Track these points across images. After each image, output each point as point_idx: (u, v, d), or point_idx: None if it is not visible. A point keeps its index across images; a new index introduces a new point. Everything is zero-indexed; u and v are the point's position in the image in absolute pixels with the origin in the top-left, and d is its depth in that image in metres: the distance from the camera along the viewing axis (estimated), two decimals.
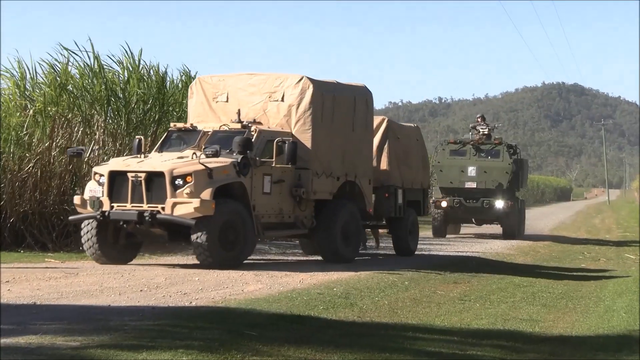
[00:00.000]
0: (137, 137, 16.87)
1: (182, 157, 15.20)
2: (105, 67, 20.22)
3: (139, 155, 15.62)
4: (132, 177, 14.70)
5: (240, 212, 14.98)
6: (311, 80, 16.53)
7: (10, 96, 19.73)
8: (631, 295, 13.81)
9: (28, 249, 17.92)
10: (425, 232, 28.99)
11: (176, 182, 14.49)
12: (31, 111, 19.14)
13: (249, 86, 16.86)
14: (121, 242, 15.53)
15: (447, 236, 29.41)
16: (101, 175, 15.03)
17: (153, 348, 7.81)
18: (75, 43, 20.53)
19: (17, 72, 19.98)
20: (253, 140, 15.49)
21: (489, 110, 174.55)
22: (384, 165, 19.11)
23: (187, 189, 14.44)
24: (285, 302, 11.42)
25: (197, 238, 14.52)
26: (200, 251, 14.64)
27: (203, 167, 14.60)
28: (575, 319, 11.88)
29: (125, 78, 20.42)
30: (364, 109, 17.68)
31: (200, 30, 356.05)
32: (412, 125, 22.02)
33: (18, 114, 19.10)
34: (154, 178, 14.63)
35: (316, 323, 10.10)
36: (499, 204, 28.30)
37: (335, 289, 12.98)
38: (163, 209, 14.49)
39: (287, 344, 8.55)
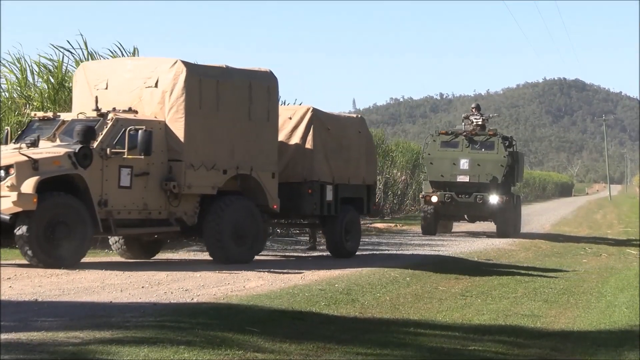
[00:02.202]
0: (5, 127, 15.89)
1: (26, 148, 14.04)
2: None
3: None
4: None
5: (73, 207, 13.68)
6: (185, 63, 15.02)
7: (7, 94, 19.72)
8: (632, 291, 13.81)
9: None
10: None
11: (1, 174, 13.39)
12: (29, 110, 19.11)
13: (127, 72, 15.46)
14: None
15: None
16: None
17: (155, 344, 7.81)
18: (69, 42, 20.56)
19: (17, 69, 20.00)
20: (107, 129, 14.19)
21: (490, 105, 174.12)
22: (307, 158, 17.20)
23: (8, 182, 13.30)
24: (286, 298, 11.42)
25: (19, 233, 13.35)
26: (22, 248, 13.49)
27: (26, 158, 13.44)
28: (577, 314, 11.88)
29: None
30: (264, 97, 15.94)
31: (199, 27, 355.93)
32: (352, 115, 20.35)
33: (16, 112, 19.09)
34: None
35: (318, 319, 10.11)
36: (493, 199, 26.56)
37: (336, 285, 12.98)
38: None
39: (289, 339, 8.55)
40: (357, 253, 18.62)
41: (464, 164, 26.78)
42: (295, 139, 17.20)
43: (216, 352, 7.78)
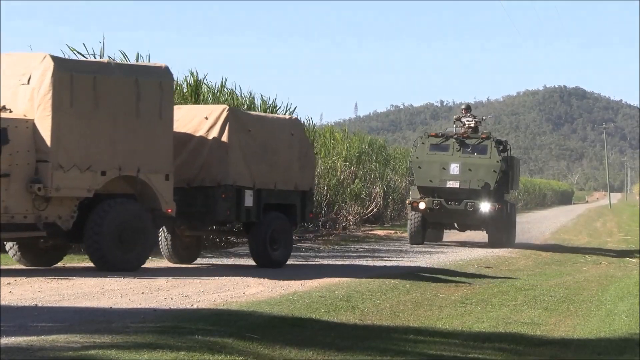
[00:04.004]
0: None
1: None
2: None
3: None
4: None
5: None
6: (54, 58, 14.04)
7: None
8: (632, 299, 13.79)
9: None
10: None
11: None
12: None
13: (6, 68, 14.43)
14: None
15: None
16: None
17: (154, 350, 7.82)
18: (84, 45, 20.43)
19: None
20: None
21: (490, 113, 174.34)
22: (222, 161, 15.98)
23: None
24: (286, 304, 11.42)
25: None
26: None
27: None
28: (577, 322, 11.87)
29: None
30: (155, 93, 14.91)
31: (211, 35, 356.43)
32: (283, 116, 19.02)
33: None
34: None
35: (317, 326, 10.10)
36: (485, 206, 24.82)
37: (336, 292, 12.98)
38: None
39: (289, 346, 8.55)
40: (335, 262, 18.26)
41: (454, 168, 25.07)
42: (211, 141, 15.99)
43: (216, 358, 7.79)
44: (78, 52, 19.72)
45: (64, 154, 13.94)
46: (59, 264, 15.71)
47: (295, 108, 25.41)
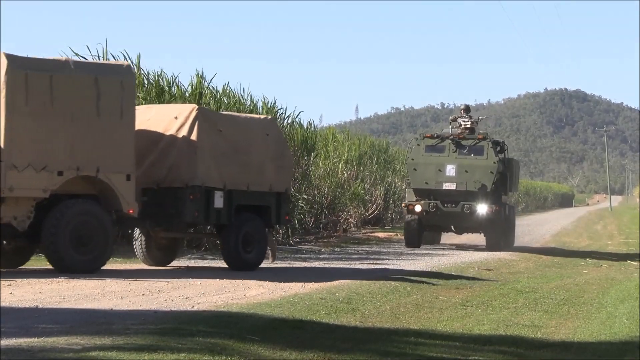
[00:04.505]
0: None
1: None
2: None
3: None
4: None
5: None
6: (8, 56, 13.68)
7: None
8: (633, 302, 13.79)
9: None
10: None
11: None
12: None
13: None
14: None
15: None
16: None
17: (155, 351, 7.81)
18: (88, 48, 20.40)
19: None
20: None
21: (491, 115, 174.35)
22: (190, 161, 15.59)
23: None
24: (287, 306, 11.42)
25: None
26: None
27: None
28: (577, 325, 11.87)
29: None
30: (116, 92, 14.59)
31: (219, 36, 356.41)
32: (258, 116, 18.42)
33: None
34: None
35: (318, 328, 10.10)
36: (482, 209, 24.36)
37: (337, 294, 12.97)
38: None
39: (289, 348, 8.55)
40: (335, 264, 18.20)
41: (450, 170, 24.54)
42: (179, 141, 15.59)
43: None
44: (81, 56, 19.78)
45: (18, 154, 13.64)
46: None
47: (300, 112, 25.38)
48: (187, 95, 21.46)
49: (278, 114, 24.78)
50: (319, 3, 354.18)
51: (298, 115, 24.85)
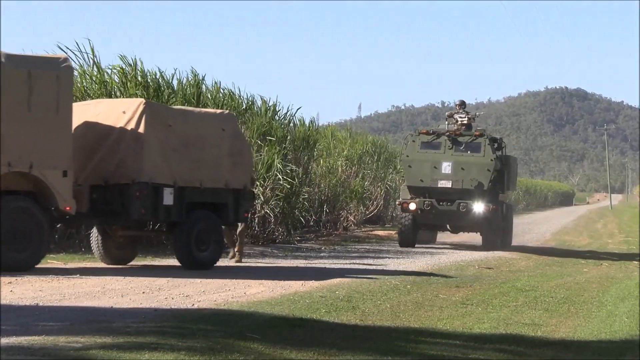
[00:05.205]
0: None
1: None
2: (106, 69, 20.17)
3: None
4: None
5: None
6: None
7: None
8: (633, 300, 13.79)
9: None
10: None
11: None
12: None
13: None
14: None
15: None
16: None
17: (155, 350, 7.82)
18: (77, 43, 20.44)
19: None
20: None
21: (491, 114, 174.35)
22: (137, 157, 15.09)
23: None
24: (287, 304, 11.42)
25: None
26: None
27: None
28: (578, 323, 11.87)
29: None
30: (51, 86, 14.16)
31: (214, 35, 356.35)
32: (214, 111, 17.81)
33: None
34: None
35: (318, 326, 10.10)
36: (478, 207, 23.70)
37: (337, 292, 12.97)
38: None
39: (289, 346, 8.55)
40: (335, 262, 18.20)
41: (446, 167, 23.81)
42: (127, 136, 15.12)
43: (217, 358, 7.78)
44: (73, 52, 19.79)
45: None
46: (60, 263, 15.71)
47: (298, 108, 25.45)
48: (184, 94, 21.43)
49: (278, 114, 24.79)
50: (319, 3, 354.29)
51: (296, 111, 24.84)
